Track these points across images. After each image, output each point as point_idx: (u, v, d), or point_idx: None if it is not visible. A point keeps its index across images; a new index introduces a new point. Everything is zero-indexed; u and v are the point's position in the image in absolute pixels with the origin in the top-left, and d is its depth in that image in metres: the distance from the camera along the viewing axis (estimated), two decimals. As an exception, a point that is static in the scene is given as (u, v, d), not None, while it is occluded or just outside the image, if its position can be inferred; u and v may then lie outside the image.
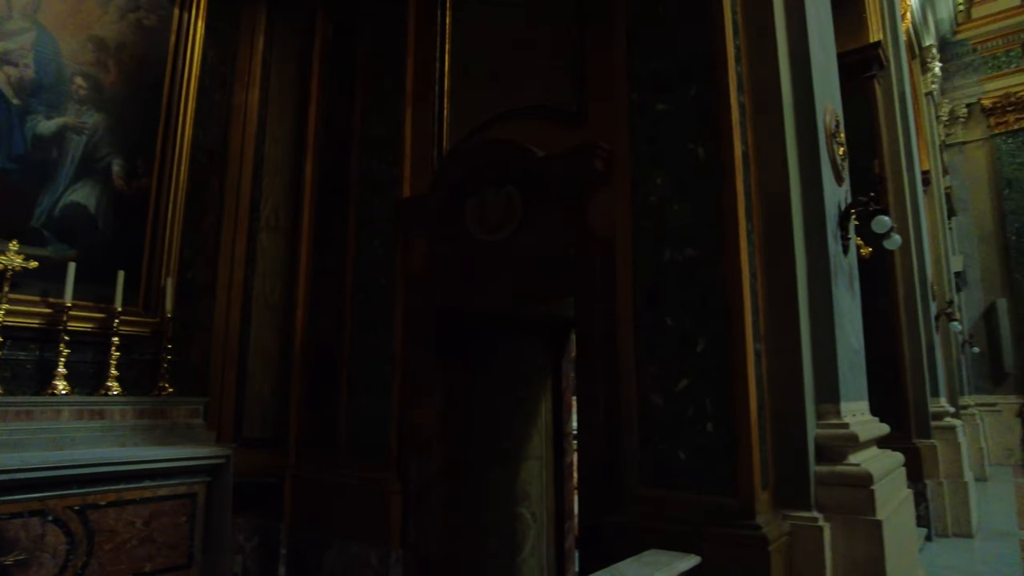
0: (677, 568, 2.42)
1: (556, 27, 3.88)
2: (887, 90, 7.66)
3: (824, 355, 3.10)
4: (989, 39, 14.11)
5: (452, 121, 4.48)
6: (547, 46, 3.92)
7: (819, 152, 3.23)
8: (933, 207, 11.04)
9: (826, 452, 2.92)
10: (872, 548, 2.72)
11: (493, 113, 4.08)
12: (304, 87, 5.63)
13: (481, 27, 4.40)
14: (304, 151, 5.49)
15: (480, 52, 4.37)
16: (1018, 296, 13.63)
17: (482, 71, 4.31)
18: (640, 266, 3.10)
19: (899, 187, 7.22)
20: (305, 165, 5.46)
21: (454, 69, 4.53)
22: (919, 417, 6.49)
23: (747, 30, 3.23)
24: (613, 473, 2.98)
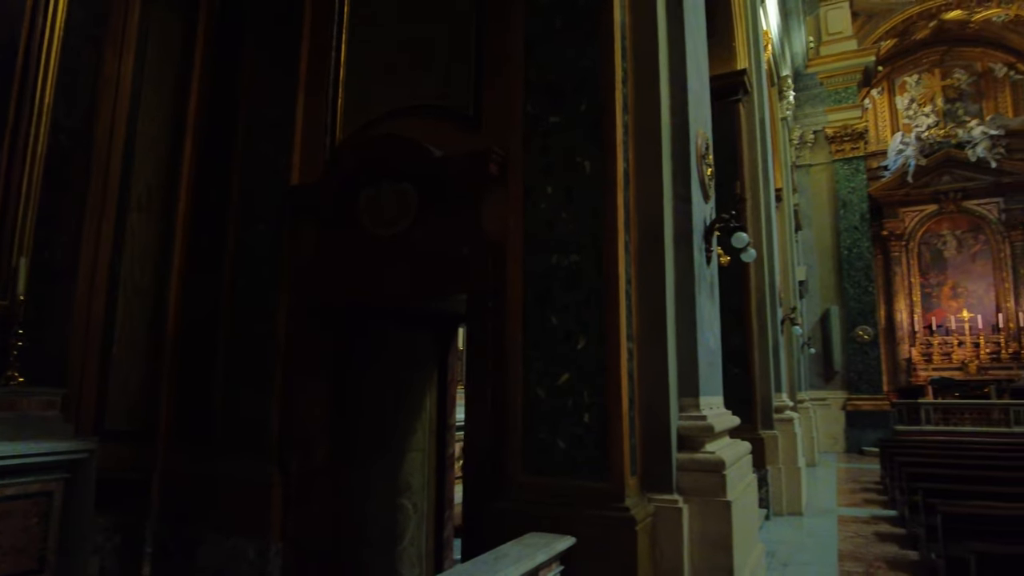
0: (555, 548, 2.64)
1: (456, 28, 3.99)
2: (750, 114, 8.45)
3: (687, 354, 3.46)
4: (833, 75, 15.89)
5: (347, 111, 4.45)
6: (447, 46, 4.02)
7: (691, 172, 3.59)
8: (783, 222, 12.26)
9: (686, 441, 3.28)
10: (722, 526, 3.10)
11: (390, 107, 4.12)
12: (187, 59, 5.31)
13: (381, 20, 4.41)
14: (183, 128, 5.20)
15: (379, 45, 4.38)
16: (847, 304, 15.48)
17: (380, 64, 4.33)
18: (530, 268, 3.30)
19: (756, 203, 8.01)
20: (184, 143, 5.17)
21: (351, 59, 4.51)
22: (764, 410, 7.27)
23: (634, 55, 3.52)
24: (497, 462, 3.16)
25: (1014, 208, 21.90)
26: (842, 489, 9.98)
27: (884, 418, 14.85)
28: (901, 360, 22.81)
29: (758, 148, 8.47)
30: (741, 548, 3.23)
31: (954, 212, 22.52)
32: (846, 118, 15.82)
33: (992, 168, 21.66)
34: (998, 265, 22.14)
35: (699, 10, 4.31)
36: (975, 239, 22.47)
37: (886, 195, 22.93)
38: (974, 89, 23.39)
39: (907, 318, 22.92)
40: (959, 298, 22.52)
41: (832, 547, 6.31)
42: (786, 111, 13.82)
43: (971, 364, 21.49)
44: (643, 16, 3.56)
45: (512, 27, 3.61)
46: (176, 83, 5.33)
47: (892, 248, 23.20)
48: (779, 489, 7.55)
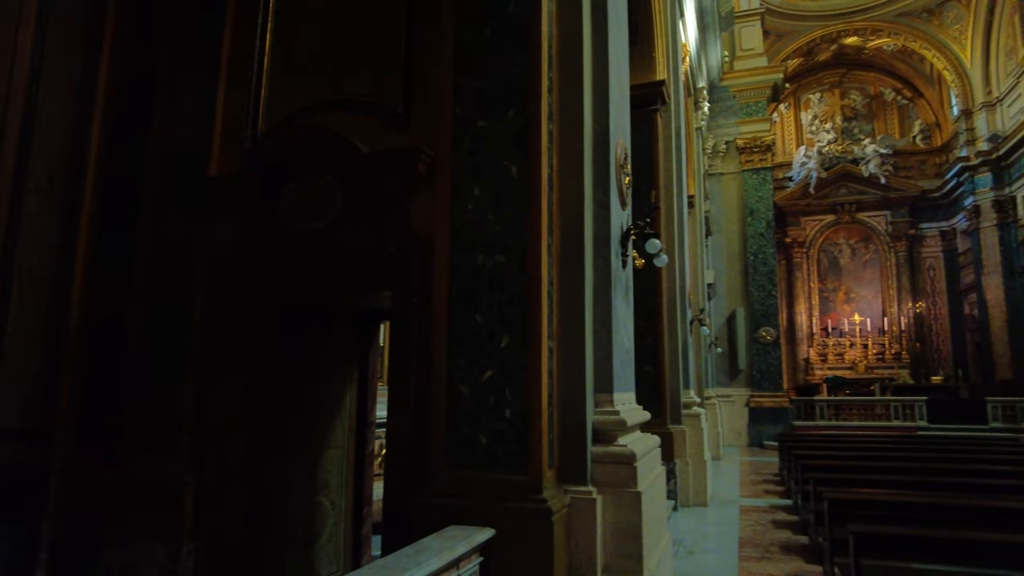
0: (475, 540, 2.73)
1: (387, 26, 4.00)
2: (667, 123, 8.83)
3: (603, 353, 3.64)
4: (745, 89, 16.77)
5: (271, 101, 4.36)
6: (377, 43, 4.02)
7: (610, 180, 3.77)
8: (695, 227, 12.85)
9: (600, 435, 3.45)
10: (633, 516, 3.29)
11: (317, 100, 4.08)
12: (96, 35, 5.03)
13: (311, 11, 4.35)
14: (91, 110, 4.93)
15: (307, 36, 4.32)
16: (752, 306, 16.40)
17: (308, 56, 4.27)
18: (456, 267, 3.37)
19: (670, 209, 8.39)
20: (92, 124, 4.91)
21: (276, 47, 4.42)
22: (673, 406, 7.63)
23: (560, 65, 3.66)
24: (420, 457, 3.22)
25: (899, 221, 23.87)
26: (744, 481, 10.61)
27: (784, 414, 15.84)
28: (800, 360, 24.40)
29: (673, 156, 8.87)
30: (650, 537, 3.43)
31: (849, 222, 24.30)
32: (756, 130, 16.74)
33: (881, 183, 23.53)
34: (885, 273, 24.06)
35: (622, 24, 4.50)
36: (866, 248, 24.32)
37: (790, 204, 24.46)
38: (868, 110, 25.29)
39: (806, 320, 24.54)
40: (852, 302, 24.31)
41: (734, 535, 6.74)
42: (701, 121, 14.47)
43: (860, 364, 23.25)
44: (569, 28, 3.71)
45: (443, 32, 3.66)
46: (85, 62, 5.04)
47: (794, 254, 24.75)
48: (686, 481, 7.96)
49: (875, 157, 23.51)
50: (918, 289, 23.89)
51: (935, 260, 23.92)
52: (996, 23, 20.35)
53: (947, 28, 21.70)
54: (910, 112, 24.84)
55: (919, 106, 24.78)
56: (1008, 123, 19.97)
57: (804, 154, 24.36)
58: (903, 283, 23.74)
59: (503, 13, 3.53)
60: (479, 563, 2.80)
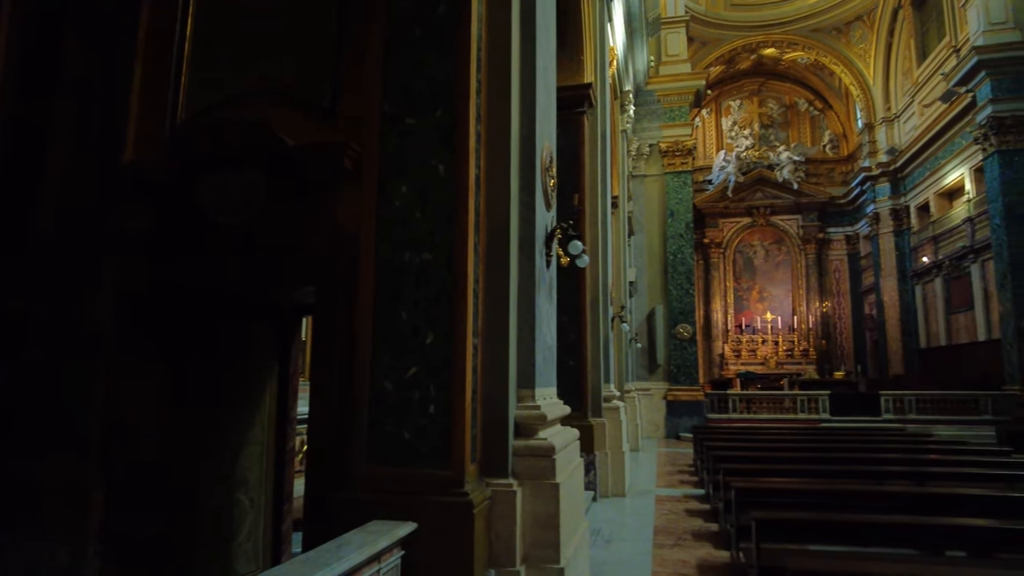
0: (397, 534, 2.78)
1: (317, 20, 3.95)
2: (593, 125, 9.05)
3: (526, 350, 3.75)
4: (669, 94, 17.34)
5: (192, 88, 4.23)
6: (306, 35, 3.97)
7: (535, 182, 3.88)
8: (618, 227, 13.23)
9: (521, 429, 3.56)
10: (551, 506, 3.42)
11: (243, 90, 3.99)
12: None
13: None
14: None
15: (232, 24, 4.20)
16: (671, 303, 17.02)
17: (233, 44, 4.16)
18: (382, 264, 3.40)
19: (594, 209, 8.61)
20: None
21: (200, 33, 4.28)
22: (594, 400, 7.88)
23: (488, 68, 3.73)
24: (342, 453, 3.23)
25: (809, 225, 25.31)
26: (661, 472, 11.04)
27: (699, 407, 16.54)
28: (716, 355, 25.52)
29: (598, 158, 9.11)
30: (567, 526, 3.58)
31: (764, 225, 25.56)
32: (678, 135, 17.35)
33: (794, 189, 24.87)
34: (795, 274, 25.46)
35: (550, 30, 4.61)
36: (778, 250, 25.65)
37: (709, 206, 25.49)
38: (783, 118, 26.64)
39: (722, 317, 25.67)
40: (764, 301, 25.60)
41: (649, 524, 7.03)
42: (626, 124, 14.88)
43: (771, 360, 24.53)
44: (498, 32, 3.78)
45: (373, 30, 3.66)
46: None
47: (712, 254, 25.81)
48: (605, 473, 8.23)
49: (789, 164, 24.82)
50: (825, 289, 25.43)
51: (840, 263, 25.53)
52: (895, 44, 21.88)
53: (854, 46, 23.13)
54: (821, 122, 26.35)
55: (829, 117, 26.32)
56: (904, 138, 21.54)
57: (723, 158, 25.43)
58: (811, 284, 25.21)
59: (433, 14, 3.57)
60: (400, 556, 2.85)
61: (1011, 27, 15.31)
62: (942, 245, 19.60)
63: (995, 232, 15.42)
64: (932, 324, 20.57)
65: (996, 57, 15.08)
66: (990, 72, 15.20)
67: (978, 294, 17.62)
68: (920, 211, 21.19)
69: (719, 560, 5.60)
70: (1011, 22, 15.36)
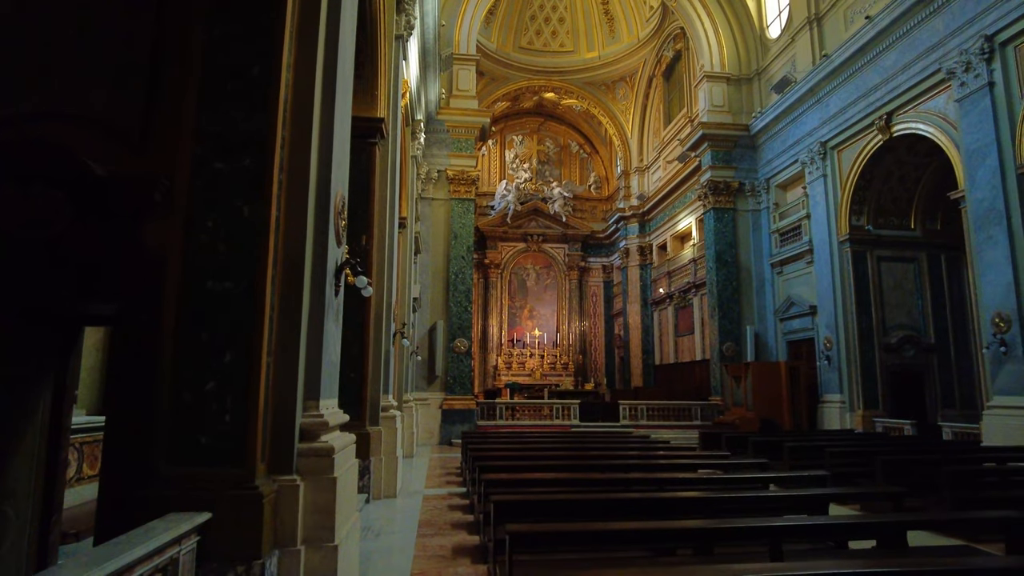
0: (196, 521, 3.30)
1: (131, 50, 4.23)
2: (384, 156, 9.84)
3: (313, 367, 4.42)
4: (457, 126, 18.74)
5: (-22, 97, 4.22)
6: (121, 66, 4.21)
7: (328, 223, 4.58)
8: (405, 246, 14.11)
9: (306, 434, 4.23)
10: (328, 497, 4.13)
11: (51, 108, 4.11)
12: None
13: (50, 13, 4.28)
14: None
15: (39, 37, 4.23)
16: (451, 319, 18.30)
17: (41, 57, 4.22)
18: (187, 289, 3.85)
19: (382, 234, 9.39)
20: None
21: None
22: (373, 410, 8.61)
23: (292, 125, 4.36)
24: (144, 455, 3.63)
25: (574, 254, 28.52)
26: (431, 475, 12.04)
27: (471, 415, 17.96)
28: (490, 367, 27.50)
29: (388, 186, 9.92)
30: (343, 513, 4.30)
31: (536, 251, 28.24)
32: (464, 165, 18.80)
33: (563, 221, 27.89)
34: (560, 296, 28.47)
35: (348, 92, 5.34)
36: (548, 274, 28.50)
37: (490, 230, 27.53)
38: (558, 157, 29.74)
39: (497, 332, 27.77)
40: (534, 319, 28.23)
41: (415, 519, 7.93)
42: (417, 150, 15.87)
43: (537, 372, 27.10)
44: (303, 95, 4.42)
45: (189, 78, 4.09)
46: None
47: (491, 274, 27.84)
48: (379, 476, 8.98)
49: (560, 198, 27.83)
50: (584, 311, 28.80)
51: (597, 288, 29.13)
52: (649, 106, 25.82)
53: (618, 102, 26.79)
54: (589, 164, 29.93)
55: (595, 161, 30.00)
56: (651, 186, 25.47)
57: (505, 187, 27.70)
58: (573, 305, 28.41)
59: (247, 74, 4.12)
60: (196, 541, 3.36)
61: (726, 110, 19.18)
62: (674, 279, 23.54)
63: (709, 272, 19.08)
64: (665, 344, 24.49)
65: (715, 133, 18.78)
66: (711, 144, 18.87)
67: (697, 322, 21.50)
68: (660, 249, 25.19)
69: (471, 543, 6.67)
70: (727, 106, 19.25)
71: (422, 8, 13.40)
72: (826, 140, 16.12)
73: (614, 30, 25.37)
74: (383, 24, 9.54)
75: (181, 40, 4.24)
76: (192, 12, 4.24)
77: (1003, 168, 11.23)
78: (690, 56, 21.88)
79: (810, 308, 16.66)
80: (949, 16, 12.34)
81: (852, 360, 15.38)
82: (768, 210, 18.56)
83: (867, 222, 15.95)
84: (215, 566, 3.49)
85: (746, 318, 18.31)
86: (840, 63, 15.24)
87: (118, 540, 2.83)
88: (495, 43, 24.90)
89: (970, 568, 3.68)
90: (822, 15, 16.52)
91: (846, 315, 15.53)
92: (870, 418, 15.08)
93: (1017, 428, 10.62)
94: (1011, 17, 11.02)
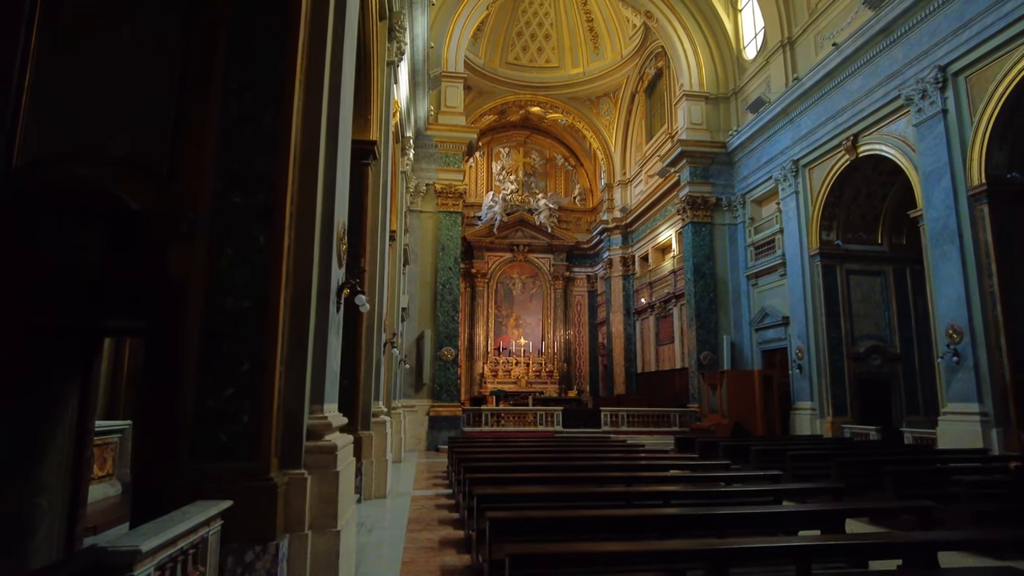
0: (221, 507, 3.88)
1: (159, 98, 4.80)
2: (376, 175, 10.47)
3: (318, 375, 5.01)
4: (445, 141, 19.39)
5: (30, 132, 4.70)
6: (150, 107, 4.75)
7: (332, 249, 5.19)
8: (395, 258, 14.69)
9: (312, 433, 4.82)
10: (332, 488, 4.73)
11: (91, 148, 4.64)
12: None
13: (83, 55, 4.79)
14: None
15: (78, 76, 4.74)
16: (438, 328, 18.87)
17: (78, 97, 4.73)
18: (208, 308, 4.44)
19: (374, 249, 9.99)
20: None
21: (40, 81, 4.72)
22: (364, 415, 9.19)
23: (301, 164, 4.97)
24: (170, 452, 4.20)
25: (559, 264, 29.19)
26: (419, 478, 12.61)
27: (458, 421, 18.52)
28: (477, 375, 28.06)
29: (379, 203, 10.54)
30: (343, 503, 4.90)
31: (522, 261, 28.89)
32: (451, 179, 19.45)
33: (548, 232, 28.57)
34: (546, 305, 29.10)
35: (347, 133, 5.95)
36: (533, 283, 29.14)
37: (477, 240, 28.15)
38: (544, 169, 30.44)
39: (484, 341, 28.35)
40: (520, 328, 28.85)
41: (405, 516, 8.51)
42: (406, 165, 16.50)
43: (523, 379, 27.68)
44: (310, 138, 5.03)
45: (210, 117, 4.68)
46: None
47: (478, 284, 28.43)
48: (370, 478, 9.55)
49: (545, 210, 28.54)
50: (569, 320, 29.47)
51: (582, 298, 29.82)
52: (632, 122, 26.61)
53: (602, 116, 27.57)
54: (574, 177, 30.67)
55: (580, 173, 30.75)
56: (634, 199, 26.22)
57: (492, 198, 28.36)
58: (558, 314, 29.07)
59: (260, 122, 4.73)
60: (221, 524, 3.95)
61: (704, 128, 19.97)
62: (655, 289, 24.26)
63: (687, 284, 19.81)
64: (647, 353, 25.19)
65: (693, 150, 19.56)
66: (689, 160, 19.64)
67: (677, 331, 22.22)
68: (642, 260, 25.93)
69: (456, 536, 7.27)
70: (705, 124, 20.04)
71: (412, 32, 14.05)
72: (798, 158, 16.92)
73: (598, 47, 26.19)
74: (376, 52, 10.18)
75: (203, 87, 4.84)
76: (214, 62, 4.84)
77: (955, 190, 12.03)
78: (671, 74, 22.69)
79: (783, 319, 17.42)
80: (907, 46, 13.18)
81: (822, 369, 16.13)
82: (744, 224, 19.35)
83: (836, 237, 16.74)
84: (235, 546, 4.08)
85: (723, 328, 19.05)
86: (810, 86, 16.06)
87: (161, 520, 3.41)
88: (483, 58, 25.63)
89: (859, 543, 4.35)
90: (794, 39, 17.36)
91: (817, 326, 16.29)
92: (839, 424, 15.82)
93: (967, 432, 11.38)
94: (962, 49, 11.85)
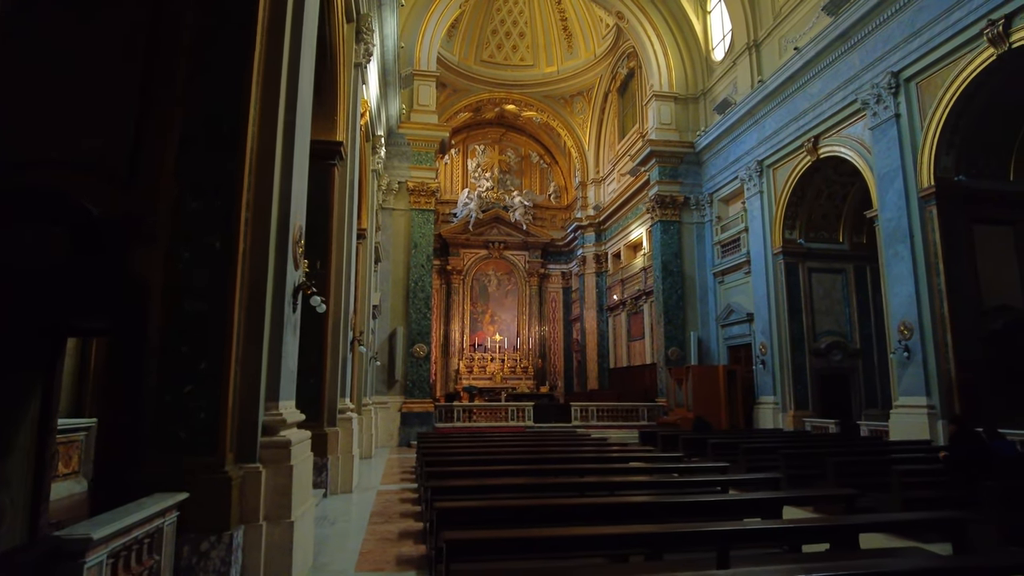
0: (177, 498, 4.09)
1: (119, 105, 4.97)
2: (343, 175, 10.62)
3: (274, 373, 5.22)
4: (418, 140, 19.54)
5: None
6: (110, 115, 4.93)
7: (288, 252, 5.39)
8: (365, 256, 14.84)
9: (268, 429, 5.04)
10: (286, 481, 4.94)
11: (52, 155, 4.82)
12: None
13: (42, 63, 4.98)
14: None
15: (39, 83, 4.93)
16: (411, 325, 19.05)
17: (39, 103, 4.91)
18: (168, 309, 4.63)
19: (340, 249, 10.16)
20: None
21: None
22: (330, 412, 9.38)
23: (257, 169, 5.16)
24: (132, 445, 4.39)
25: (534, 261, 29.47)
26: (388, 473, 12.82)
27: (430, 417, 18.73)
28: (452, 371, 28.27)
29: (346, 203, 10.70)
30: (298, 495, 5.12)
31: (498, 258, 29.12)
32: (424, 177, 19.61)
33: (523, 229, 28.83)
34: (521, 301, 29.38)
35: (305, 137, 6.14)
36: (509, 280, 29.40)
37: (452, 237, 28.32)
38: (519, 167, 30.68)
39: (459, 337, 28.56)
40: (495, 324, 29.09)
41: (368, 509, 8.73)
42: (377, 163, 16.63)
43: (498, 375, 27.94)
44: (266, 144, 5.22)
45: (169, 131, 4.87)
46: None
47: (453, 280, 28.62)
48: (336, 473, 9.74)
49: (520, 207, 28.79)
50: (544, 316, 29.78)
51: (556, 294, 30.15)
52: (605, 121, 26.94)
53: (576, 115, 27.86)
54: (548, 175, 30.95)
55: (555, 171, 31.04)
56: (606, 197, 26.57)
57: (467, 195, 28.55)
58: (533, 311, 29.37)
59: (219, 129, 4.92)
60: (177, 515, 4.15)
61: (673, 128, 20.35)
62: (627, 286, 24.65)
63: (656, 281, 20.20)
64: (619, 349, 25.60)
65: (662, 150, 19.93)
66: (658, 160, 20.01)
67: (647, 327, 22.63)
68: (615, 258, 26.31)
69: (416, 528, 7.51)
70: (674, 124, 20.41)
71: (382, 33, 14.18)
72: (762, 159, 17.35)
73: (572, 46, 26.46)
74: (343, 54, 10.33)
75: (164, 92, 5.01)
76: (176, 67, 5.01)
77: (907, 192, 12.50)
78: (642, 74, 23.02)
79: (748, 315, 17.87)
80: (863, 52, 13.63)
81: (784, 364, 16.59)
82: (711, 223, 19.77)
83: (799, 235, 17.21)
84: (192, 536, 4.29)
85: (690, 324, 19.47)
86: (774, 88, 16.48)
87: (117, 510, 3.61)
88: (457, 56, 25.76)
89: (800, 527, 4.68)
90: (760, 42, 17.77)
91: (779, 322, 16.75)
92: (800, 418, 16.30)
93: (916, 424, 11.88)
94: (913, 56, 12.30)
